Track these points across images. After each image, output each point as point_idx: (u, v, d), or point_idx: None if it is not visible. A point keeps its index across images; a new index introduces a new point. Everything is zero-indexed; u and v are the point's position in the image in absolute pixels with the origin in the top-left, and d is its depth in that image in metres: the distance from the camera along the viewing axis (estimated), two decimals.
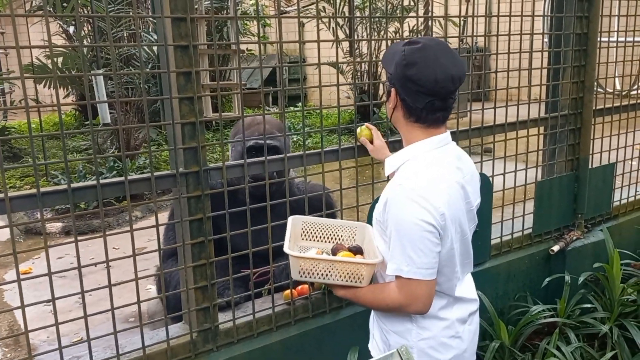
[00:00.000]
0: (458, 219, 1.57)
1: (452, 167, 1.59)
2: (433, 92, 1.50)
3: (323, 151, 2.09)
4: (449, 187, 1.54)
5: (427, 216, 1.47)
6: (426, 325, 1.62)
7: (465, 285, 1.72)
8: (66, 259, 4.59)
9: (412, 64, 1.50)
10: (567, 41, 2.79)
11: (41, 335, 3.44)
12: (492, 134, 2.65)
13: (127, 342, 1.88)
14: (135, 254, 1.75)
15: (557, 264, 2.91)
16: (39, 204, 1.58)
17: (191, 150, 1.78)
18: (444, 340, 1.62)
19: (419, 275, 1.49)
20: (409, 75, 1.50)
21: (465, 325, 1.68)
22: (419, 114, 1.56)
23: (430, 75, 1.49)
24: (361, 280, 1.62)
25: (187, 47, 1.71)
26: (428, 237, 1.48)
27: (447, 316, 1.63)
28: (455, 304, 1.66)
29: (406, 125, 1.60)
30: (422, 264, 1.49)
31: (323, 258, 1.65)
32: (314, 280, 1.67)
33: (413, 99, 1.53)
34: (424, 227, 1.47)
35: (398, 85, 1.55)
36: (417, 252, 1.48)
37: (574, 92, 2.87)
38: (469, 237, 1.69)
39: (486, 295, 2.59)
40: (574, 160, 2.97)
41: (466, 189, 1.61)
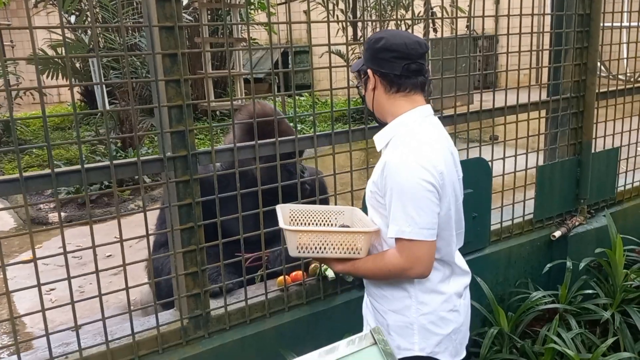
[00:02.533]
0: (452, 183, 1.62)
1: (440, 135, 1.64)
2: (405, 54, 1.57)
3: (316, 135, 2.06)
4: (443, 151, 1.59)
5: (428, 175, 1.50)
6: (425, 300, 1.62)
7: (458, 257, 1.74)
8: (68, 248, 4.60)
9: (379, 39, 1.60)
10: (569, 22, 2.72)
11: (40, 324, 3.46)
12: (491, 117, 2.59)
13: (117, 328, 1.86)
14: (122, 239, 1.73)
15: (559, 250, 2.86)
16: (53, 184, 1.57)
17: (179, 134, 1.75)
18: (443, 315, 1.62)
19: (420, 235, 1.50)
20: (380, 47, 1.58)
21: (461, 299, 1.69)
22: (399, 82, 1.60)
23: (399, 41, 1.57)
24: (359, 250, 1.61)
25: (172, 29, 1.67)
26: (429, 197, 1.50)
27: (445, 290, 1.64)
28: (451, 277, 1.67)
29: (389, 99, 1.63)
30: (424, 224, 1.50)
31: (321, 229, 1.65)
32: (312, 255, 1.65)
33: (390, 67, 1.58)
34: (425, 186, 1.50)
35: (372, 63, 1.62)
36: (418, 211, 1.50)
37: (576, 74, 2.81)
38: (461, 205, 1.71)
39: (486, 282, 2.55)
40: (576, 144, 2.91)
41: (454, 155, 1.68)
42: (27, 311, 3.62)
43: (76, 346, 1.72)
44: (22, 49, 12.69)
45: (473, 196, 2.43)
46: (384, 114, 1.66)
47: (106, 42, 7.21)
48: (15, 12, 12.85)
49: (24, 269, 4.13)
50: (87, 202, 1.62)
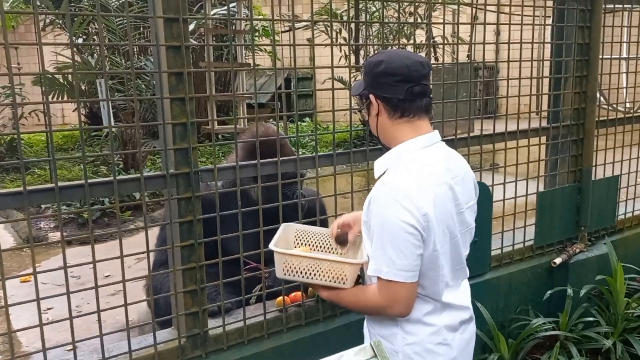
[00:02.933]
0: (445, 221, 1.54)
1: (440, 168, 1.57)
2: (408, 77, 1.53)
3: (317, 156, 2.07)
4: (436, 187, 1.52)
5: (408, 217, 1.44)
6: (411, 329, 1.57)
7: (457, 292, 1.67)
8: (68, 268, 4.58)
9: (379, 62, 1.56)
10: (568, 51, 2.76)
11: (37, 343, 3.42)
12: (491, 143, 2.61)
13: (114, 346, 1.85)
14: (122, 254, 1.73)
15: (560, 277, 2.85)
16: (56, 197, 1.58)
17: (182, 151, 1.77)
18: (430, 347, 1.57)
19: (399, 277, 1.47)
20: (381, 71, 1.55)
21: (457, 333, 1.62)
22: (403, 106, 1.56)
23: (400, 64, 1.54)
24: (344, 281, 1.59)
25: (179, 48, 1.71)
26: (408, 239, 1.45)
27: (433, 322, 1.58)
28: (444, 310, 1.61)
29: (393, 125, 1.59)
30: (402, 266, 1.46)
31: (307, 255, 1.63)
32: (298, 279, 1.64)
33: (393, 92, 1.55)
34: (404, 227, 1.44)
35: (374, 88, 1.58)
36: (397, 253, 1.45)
37: (576, 102, 2.84)
38: (460, 240, 1.63)
39: (486, 308, 2.53)
40: (576, 171, 2.92)
41: (455, 190, 1.58)
42: (25, 332, 3.61)
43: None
44: (28, 71, 12.82)
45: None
46: (389, 139, 1.62)
47: (112, 64, 7.30)
48: (24, 35, 13.03)
49: (22, 288, 4.11)
50: (89, 216, 1.63)
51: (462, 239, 1.64)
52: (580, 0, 2.72)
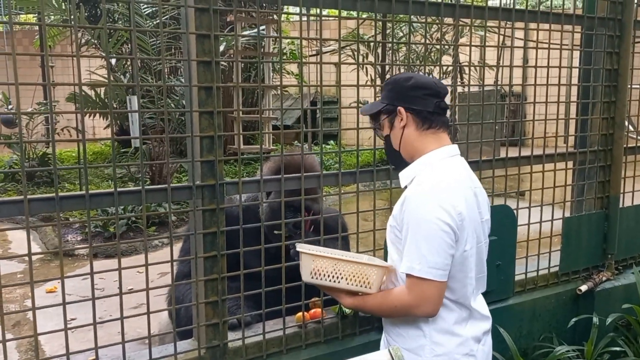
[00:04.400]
0: (473, 223, 1.60)
1: (465, 176, 1.65)
2: (436, 92, 1.62)
3: (340, 173, 2.09)
4: (465, 191, 1.60)
5: (445, 215, 1.50)
6: (440, 340, 1.59)
7: (478, 302, 1.71)
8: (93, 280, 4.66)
9: (408, 77, 1.64)
10: (596, 76, 2.75)
11: (61, 351, 3.46)
12: (517, 166, 2.60)
13: (135, 354, 1.87)
14: (147, 263, 1.76)
15: (585, 305, 2.79)
16: (86, 204, 1.63)
17: (208, 164, 1.81)
18: (457, 358, 1.59)
19: (430, 274, 1.49)
20: (412, 85, 1.62)
21: (479, 344, 1.65)
22: (432, 118, 1.63)
23: (428, 80, 1.64)
24: (370, 285, 1.60)
25: (210, 63, 1.76)
26: (443, 237, 1.50)
27: (461, 332, 1.61)
28: (469, 320, 1.64)
29: (419, 137, 1.65)
30: (434, 263, 1.49)
31: (335, 257, 1.65)
32: (323, 283, 1.66)
33: (423, 104, 1.62)
34: (440, 226, 1.49)
35: (404, 101, 1.64)
36: (431, 250, 1.49)
37: (604, 128, 2.81)
38: (483, 246, 1.69)
39: (509, 334, 2.49)
40: (603, 198, 2.88)
41: (478, 198, 1.66)
42: (49, 340, 3.67)
43: None
44: (62, 90, 13.21)
45: (497, 244, 2.40)
46: (411, 152, 1.68)
47: (143, 82, 7.49)
48: (60, 54, 13.46)
49: (47, 299, 4.18)
50: (117, 221, 1.66)
51: (485, 247, 1.70)
52: (609, 27, 2.72)
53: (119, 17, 7.94)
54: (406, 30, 9.03)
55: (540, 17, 2.51)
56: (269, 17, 6.40)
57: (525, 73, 2.80)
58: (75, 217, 6.17)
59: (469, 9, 2.31)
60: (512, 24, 2.45)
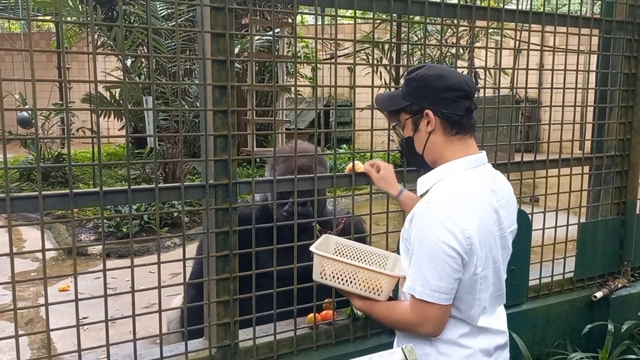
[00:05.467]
0: (488, 245, 1.50)
1: (486, 189, 1.53)
2: (467, 93, 1.51)
3: (354, 173, 2.08)
4: (481, 210, 1.48)
5: (451, 239, 1.41)
6: (446, 351, 1.54)
7: (494, 317, 1.62)
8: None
9: (439, 76, 1.50)
10: (614, 80, 2.72)
11: (72, 349, 3.48)
12: (532, 169, 2.57)
13: (146, 352, 1.87)
14: (160, 261, 1.76)
15: (600, 312, 2.75)
16: (100, 201, 1.63)
17: (222, 163, 1.81)
18: None
19: (432, 298, 1.44)
20: (444, 86, 1.49)
21: (491, 358, 1.58)
22: (461, 122, 1.52)
23: (460, 79, 1.51)
24: (379, 292, 1.58)
25: (225, 62, 1.76)
26: (448, 262, 1.42)
27: (469, 344, 1.55)
28: (480, 334, 1.57)
29: (445, 143, 1.54)
30: (437, 287, 1.43)
31: (345, 261, 1.63)
32: (333, 285, 1.64)
33: (454, 108, 1.50)
34: (445, 250, 1.41)
35: (433, 102, 1.51)
36: (433, 274, 1.43)
37: (621, 132, 2.77)
38: (501, 265, 1.60)
39: (522, 339, 2.46)
40: (620, 203, 2.84)
41: (500, 213, 1.54)
42: (61, 338, 3.69)
43: None
44: (78, 91, 13.35)
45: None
46: (437, 157, 1.57)
47: (158, 85, 7.54)
48: (76, 56, 13.61)
49: (60, 297, 4.21)
50: (130, 218, 1.67)
51: (503, 263, 1.61)
52: (628, 30, 2.69)
53: (135, 19, 8.00)
54: (421, 34, 9.01)
55: (557, 19, 2.48)
56: (283, 20, 6.43)
57: (542, 78, 2.77)
58: (90, 216, 6.22)
59: (486, 11, 2.30)
60: (528, 27, 2.43)
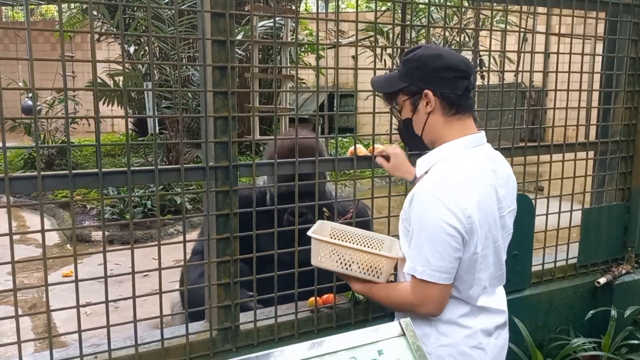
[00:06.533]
0: (488, 224, 1.50)
1: (486, 169, 1.53)
2: (466, 73, 1.50)
3: (356, 157, 2.07)
4: (481, 189, 1.48)
5: (451, 218, 1.41)
6: (445, 331, 1.54)
7: (494, 297, 1.63)
8: (108, 265, 4.72)
9: (437, 56, 1.49)
10: (620, 64, 2.68)
11: (74, 335, 3.51)
12: (536, 154, 2.54)
13: (147, 334, 1.87)
14: (160, 243, 1.75)
15: (604, 298, 2.73)
16: (99, 183, 1.63)
17: (222, 145, 1.79)
18: (464, 350, 1.53)
19: (433, 277, 1.44)
20: (442, 65, 1.48)
21: (491, 338, 1.58)
22: (460, 102, 1.51)
23: (458, 59, 1.50)
24: (379, 274, 1.57)
25: (225, 42, 1.74)
26: (448, 241, 1.42)
27: (469, 324, 1.55)
28: (480, 314, 1.57)
29: (444, 123, 1.53)
30: (437, 267, 1.43)
31: (344, 245, 1.62)
32: (332, 269, 1.63)
33: (453, 88, 1.49)
34: (445, 229, 1.41)
35: (431, 82, 1.50)
36: (434, 253, 1.42)
37: (626, 117, 2.74)
38: (501, 245, 1.60)
39: (525, 325, 2.45)
40: (625, 189, 2.82)
41: (499, 192, 1.54)
42: (64, 323, 3.71)
43: (106, 347, 1.73)
44: (82, 80, 13.35)
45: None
46: (435, 138, 1.56)
47: (161, 73, 7.52)
48: (80, 45, 13.60)
49: None
50: (129, 202, 1.66)
51: (503, 243, 1.61)
52: (635, 14, 2.65)
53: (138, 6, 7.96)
54: (425, 21, 8.94)
55: (563, 2, 2.45)
56: (287, 7, 6.39)
57: (547, 64, 2.73)
58: (92, 204, 6.24)
59: None
60: (534, 9, 2.40)
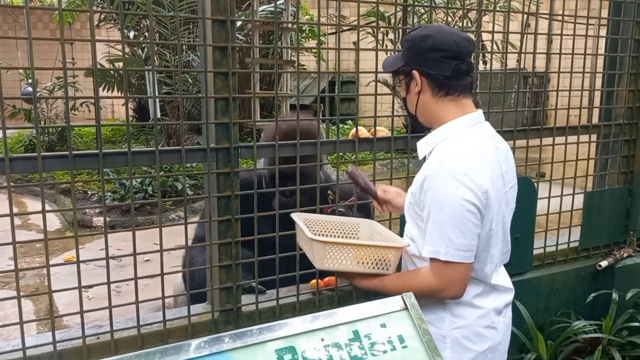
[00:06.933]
0: (498, 200, 1.52)
1: (489, 146, 1.54)
2: (456, 54, 1.48)
3: (357, 139, 2.06)
4: (489, 165, 1.49)
5: (470, 195, 1.41)
6: (460, 312, 1.54)
7: (501, 275, 1.66)
8: (110, 251, 4.73)
9: (426, 36, 1.49)
10: (624, 46, 2.66)
11: (76, 318, 3.53)
12: (539, 137, 2.53)
13: (149, 316, 1.88)
14: (161, 224, 1.75)
15: (605, 281, 2.73)
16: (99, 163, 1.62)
17: (223, 126, 1.78)
18: (479, 330, 1.54)
19: (457, 257, 1.44)
20: (429, 46, 1.48)
21: (500, 317, 1.60)
22: (449, 84, 1.51)
23: (448, 39, 1.48)
24: (388, 266, 1.55)
25: (225, 22, 1.72)
26: (469, 218, 1.42)
27: (482, 304, 1.56)
28: (491, 293, 1.59)
29: (436, 104, 1.54)
30: (461, 246, 1.43)
31: (350, 242, 1.60)
32: (339, 269, 1.60)
33: (440, 68, 1.49)
34: (465, 206, 1.41)
35: (418, 64, 1.52)
36: (456, 232, 1.42)
37: (630, 100, 2.72)
38: (508, 222, 1.63)
39: (526, 308, 2.46)
40: (627, 173, 2.81)
41: (502, 168, 1.56)
42: (66, 307, 3.73)
43: (108, 328, 1.74)
44: (82, 66, 13.32)
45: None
46: (430, 119, 1.57)
47: (161, 59, 7.48)
48: (79, 32, 13.52)
49: (65, 267, 4.24)
50: (130, 182, 1.66)
51: (508, 219, 1.64)
52: None
53: None
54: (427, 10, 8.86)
55: None
56: None
57: (550, 49, 2.69)
58: (93, 189, 6.24)
59: None
60: None
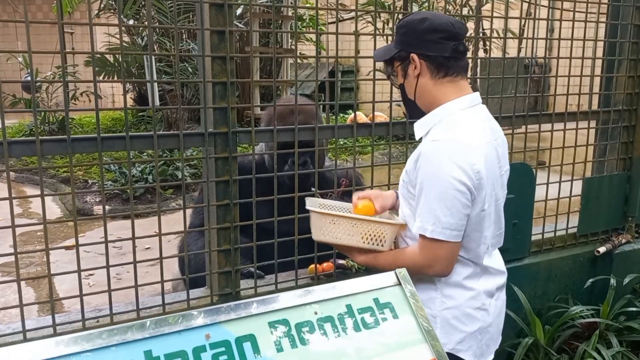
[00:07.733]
0: (492, 181, 1.53)
1: (486, 127, 1.55)
2: (454, 34, 1.50)
3: (356, 124, 2.06)
4: (484, 146, 1.50)
5: (460, 174, 1.42)
6: (450, 293, 1.56)
7: (493, 257, 1.66)
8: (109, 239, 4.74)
9: (422, 19, 1.51)
10: (624, 32, 2.65)
11: (77, 305, 3.54)
12: (537, 123, 2.53)
13: (148, 300, 1.89)
14: (160, 209, 1.76)
15: (603, 267, 2.75)
16: (98, 147, 1.63)
17: (221, 111, 1.78)
18: (469, 311, 1.55)
19: (442, 235, 1.45)
20: (426, 28, 1.50)
21: (492, 299, 1.61)
22: (448, 64, 1.52)
23: (445, 20, 1.51)
24: (383, 242, 1.57)
25: (222, 6, 1.72)
26: (458, 197, 1.43)
27: (473, 286, 1.57)
28: (482, 275, 1.60)
29: (435, 85, 1.54)
30: (448, 224, 1.44)
31: (346, 216, 1.62)
32: (335, 242, 1.63)
33: (439, 49, 1.50)
34: (456, 185, 1.42)
35: (417, 46, 1.53)
36: (444, 211, 1.43)
37: (629, 86, 2.72)
38: (501, 204, 1.63)
39: (524, 293, 2.47)
40: (626, 159, 2.81)
41: (498, 151, 1.57)
42: (66, 293, 3.75)
43: (108, 312, 1.75)
44: (82, 55, 13.26)
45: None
46: (429, 102, 1.57)
47: (161, 47, 7.46)
48: (79, 21, 13.45)
49: (66, 255, 4.26)
50: (129, 169, 1.66)
51: (502, 202, 1.63)
52: None
53: None
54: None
55: None
56: None
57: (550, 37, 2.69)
58: (93, 178, 6.24)
59: None
60: None
